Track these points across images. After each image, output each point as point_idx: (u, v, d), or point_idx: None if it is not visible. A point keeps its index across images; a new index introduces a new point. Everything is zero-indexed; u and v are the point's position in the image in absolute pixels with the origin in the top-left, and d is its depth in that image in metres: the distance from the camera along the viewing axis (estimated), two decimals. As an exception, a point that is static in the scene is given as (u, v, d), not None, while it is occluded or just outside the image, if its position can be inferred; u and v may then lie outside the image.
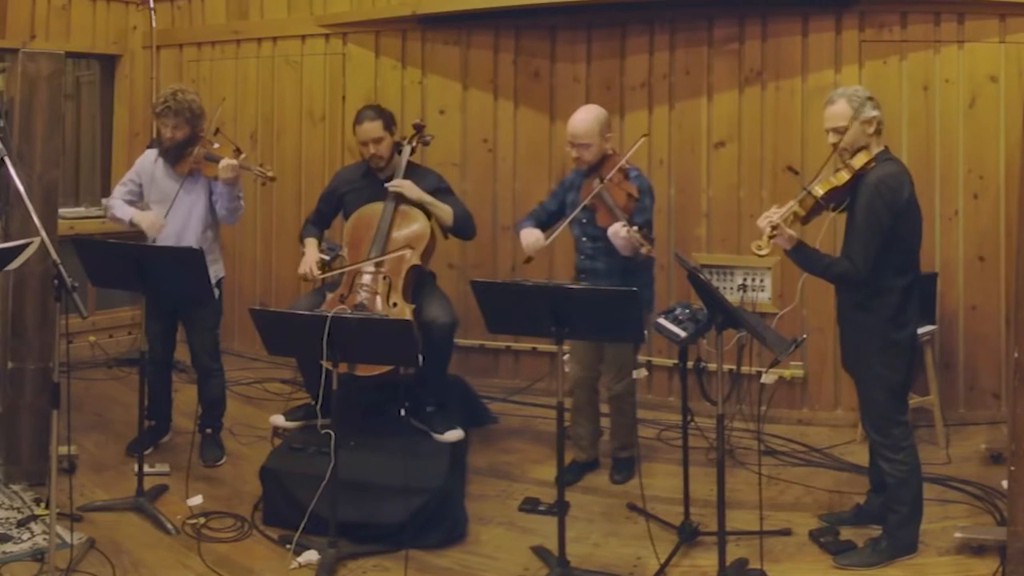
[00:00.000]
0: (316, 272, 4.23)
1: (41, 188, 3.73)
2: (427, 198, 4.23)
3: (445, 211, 4.26)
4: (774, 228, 3.18)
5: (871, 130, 3.23)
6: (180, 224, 4.11)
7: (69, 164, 6.00)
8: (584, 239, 4.02)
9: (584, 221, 3.95)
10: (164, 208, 4.10)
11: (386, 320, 3.44)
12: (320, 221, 4.51)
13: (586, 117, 3.95)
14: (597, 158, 3.95)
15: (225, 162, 3.99)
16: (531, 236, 4.03)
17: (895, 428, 3.26)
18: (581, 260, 4.06)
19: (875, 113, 3.23)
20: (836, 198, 3.25)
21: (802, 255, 3.27)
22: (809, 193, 3.22)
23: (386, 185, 4.24)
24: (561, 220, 3.99)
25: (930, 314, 4.44)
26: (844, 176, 3.21)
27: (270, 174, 4.10)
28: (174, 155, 4.12)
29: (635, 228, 3.62)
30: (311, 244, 4.37)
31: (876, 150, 3.25)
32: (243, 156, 4.09)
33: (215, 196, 4.15)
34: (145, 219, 4.08)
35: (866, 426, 3.46)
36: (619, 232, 3.67)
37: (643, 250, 3.64)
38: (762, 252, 3.17)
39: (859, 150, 3.23)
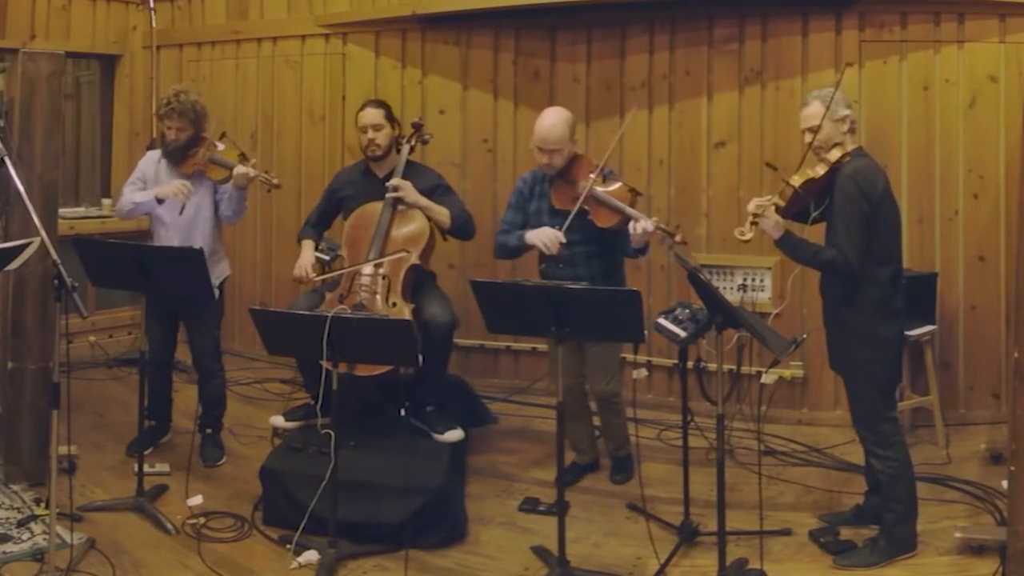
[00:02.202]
0: (311, 274, 4.24)
1: (41, 188, 3.73)
2: (423, 202, 4.21)
3: (442, 214, 4.24)
4: (755, 216, 3.23)
5: (844, 128, 3.31)
6: (188, 224, 4.12)
7: (69, 164, 5.99)
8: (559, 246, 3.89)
9: (558, 228, 3.81)
10: (168, 208, 4.10)
11: (386, 320, 3.44)
12: (319, 223, 4.51)
13: (556, 122, 3.86)
14: (566, 162, 3.90)
15: (241, 169, 4.02)
16: (546, 233, 3.81)
17: (884, 424, 3.28)
18: (559, 268, 3.88)
19: (847, 112, 3.32)
20: (814, 192, 3.30)
21: (789, 243, 3.31)
22: (788, 183, 3.28)
23: (387, 184, 4.23)
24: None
25: (930, 314, 4.44)
26: (820, 169, 3.28)
27: (275, 181, 4.13)
28: (178, 156, 4.14)
29: (654, 219, 3.66)
30: (307, 246, 4.37)
31: (850, 147, 3.32)
32: (253, 162, 4.12)
33: (218, 196, 4.18)
34: (169, 187, 4.03)
35: (856, 424, 3.47)
36: (648, 228, 3.64)
37: (677, 237, 3.66)
38: (745, 237, 3.23)
39: (834, 146, 3.30)
